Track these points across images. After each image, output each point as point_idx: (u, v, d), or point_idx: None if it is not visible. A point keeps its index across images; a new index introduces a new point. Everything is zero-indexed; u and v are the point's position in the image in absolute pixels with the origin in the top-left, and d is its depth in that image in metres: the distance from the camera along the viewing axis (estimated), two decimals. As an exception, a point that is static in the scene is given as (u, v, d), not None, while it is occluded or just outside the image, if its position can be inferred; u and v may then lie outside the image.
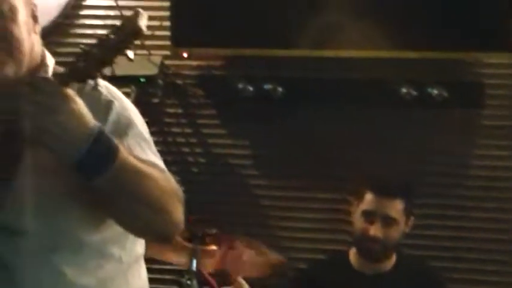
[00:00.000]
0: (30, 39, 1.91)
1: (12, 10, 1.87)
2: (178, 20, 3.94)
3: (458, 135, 3.99)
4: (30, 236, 1.84)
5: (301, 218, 4.14)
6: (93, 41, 1.74)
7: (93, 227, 1.90)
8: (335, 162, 4.05)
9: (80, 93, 1.80)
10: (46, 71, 1.96)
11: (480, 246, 3.98)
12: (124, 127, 1.91)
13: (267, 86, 3.97)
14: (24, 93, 1.67)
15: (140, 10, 1.72)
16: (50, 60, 2.00)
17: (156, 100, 4.13)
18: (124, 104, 1.98)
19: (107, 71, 1.76)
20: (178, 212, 1.87)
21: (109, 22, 4.17)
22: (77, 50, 1.75)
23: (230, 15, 3.89)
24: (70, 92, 1.70)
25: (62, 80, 1.71)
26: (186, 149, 4.20)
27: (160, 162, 1.96)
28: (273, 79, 3.99)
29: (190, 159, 4.21)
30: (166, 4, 3.98)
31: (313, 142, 4.07)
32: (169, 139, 4.18)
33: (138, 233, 1.95)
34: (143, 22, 1.70)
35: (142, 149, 1.92)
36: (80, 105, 1.71)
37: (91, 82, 1.77)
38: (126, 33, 1.70)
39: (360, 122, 4.00)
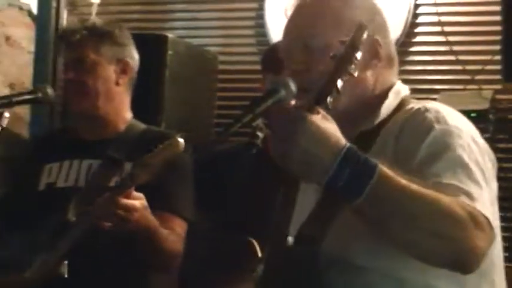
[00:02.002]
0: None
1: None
2: (510, 54, 3.87)
3: None
4: (364, 273, 1.82)
5: None
6: (423, 77, 1.73)
7: (414, 265, 1.78)
8: None
9: (405, 117, 1.85)
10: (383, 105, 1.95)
11: None
12: (438, 151, 1.79)
13: None
14: (274, 122, 1.67)
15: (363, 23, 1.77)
16: (396, 93, 1.99)
17: (487, 135, 4.07)
18: (450, 131, 1.84)
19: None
20: (470, 240, 1.67)
21: (439, 58, 4.21)
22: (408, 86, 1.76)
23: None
24: (313, 116, 1.64)
25: (310, 106, 1.67)
26: (520, 184, 4.10)
27: (474, 190, 1.76)
28: None
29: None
30: (498, 38, 3.93)
31: None
32: (501, 174, 4.08)
33: (421, 260, 1.76)
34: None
35: (454, 175, 1.76)
36: (324, 128, 1.64)
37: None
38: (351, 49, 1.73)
39: None
